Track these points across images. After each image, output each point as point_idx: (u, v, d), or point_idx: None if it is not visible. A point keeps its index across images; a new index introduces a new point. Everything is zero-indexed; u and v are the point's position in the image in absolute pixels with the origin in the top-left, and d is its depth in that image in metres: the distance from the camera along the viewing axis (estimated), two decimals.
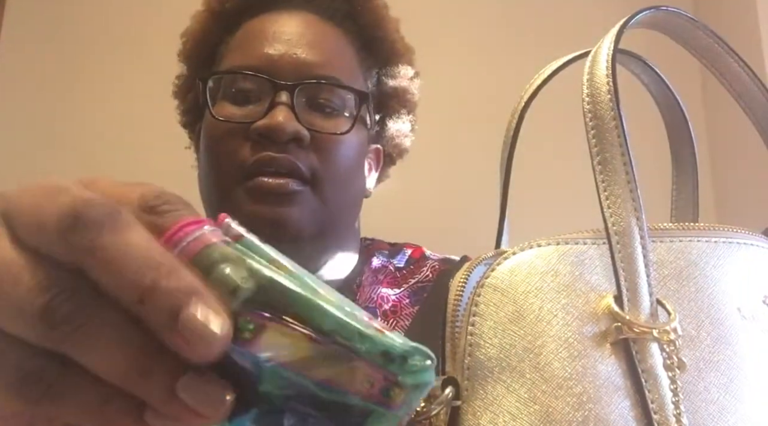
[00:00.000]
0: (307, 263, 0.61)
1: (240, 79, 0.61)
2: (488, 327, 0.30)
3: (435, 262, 0.68)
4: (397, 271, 0.67)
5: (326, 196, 0.59)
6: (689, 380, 0.29)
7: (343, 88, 0.61)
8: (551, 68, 0.39)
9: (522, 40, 1.50)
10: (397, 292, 0.65)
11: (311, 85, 0.60)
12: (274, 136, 0.56)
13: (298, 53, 0.60)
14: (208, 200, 0.63)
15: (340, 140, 0.60)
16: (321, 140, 0.59)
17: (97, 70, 1.50)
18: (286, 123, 0.56)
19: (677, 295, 0.31)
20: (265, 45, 0.61)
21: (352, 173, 0.63)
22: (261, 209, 0.56)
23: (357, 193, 0.66)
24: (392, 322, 0.62)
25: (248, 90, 0.60)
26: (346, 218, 0.65)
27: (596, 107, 0.31)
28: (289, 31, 0.62)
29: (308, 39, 0.62)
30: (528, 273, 0.31)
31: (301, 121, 0.58)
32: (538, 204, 1.28)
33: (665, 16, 0.36)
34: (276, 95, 0.58)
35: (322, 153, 0.59)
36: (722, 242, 0.34)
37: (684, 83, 0.78)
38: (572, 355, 0.29)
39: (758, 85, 0.38)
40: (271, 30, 0.62)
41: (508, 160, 0.38)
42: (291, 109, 0.57)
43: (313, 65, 0.60)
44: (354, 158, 0.62)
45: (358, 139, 0.63)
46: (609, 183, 0.30)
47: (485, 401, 0.29)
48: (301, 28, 0.62)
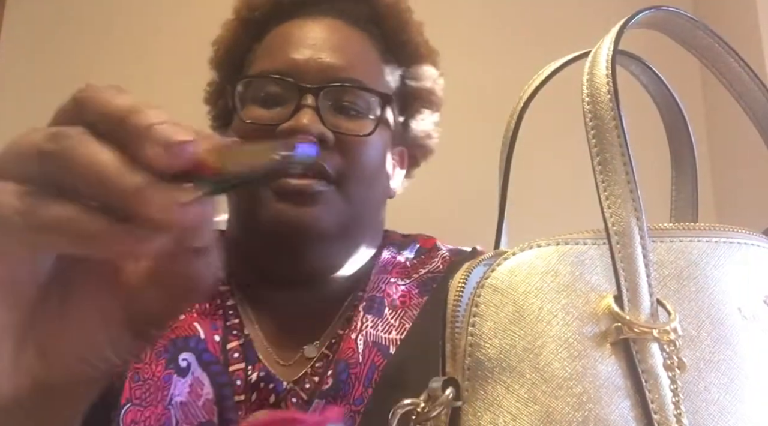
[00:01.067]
0: (329, 261, 0.63)
1: (267, 82, 0.62)
2: (488, 327, 0.30)
3: (446, 253, 0.69)
4: (407, 262, 0.68)
5: (351, 196, 0.61)
6: (689, 380, 0.29)
7: (366, 91, 0.63)
8: (550, 68, 0.39)
9: (521, 40, 1.50)
10: (407, 282, 0.65)
11: (335, 88, 0.61)
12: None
13: (323, 57, 0.62)
14: (233, 202, 0.64)
15: (364, 141, 0.61)
16: (345, 142, 0.60)
17: (97, 70, 1.50)
18: (311, 125, 0.58)
19: (677, 295, 0.31)
20: (291, 50, 0.63)
21: (376, 173, 0.64)
22: (285, 209, 0.58)
23: (381, 193, 0.67)
24: (401, 313, 0.62)
25: (275, 93, 0.62)
26: (369, 218, 0.66)
27: (596, 107, 0.31)
28: (314, 36, 0.64)
29: (333, 43, 0.63)
30: (528, 273, 0.31)
31: (326, 123, 0.59)
32: (538, 204, 1.28)
33: (665, 16, 0.36)
34: (301, 98, 0.60)
35: (346, 154, 0.60)
36: (722, 242, 0.34)
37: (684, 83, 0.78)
38: (572, 355, 0.29)
39: (758, 85, 0.38)
40: (297, 36, 0.64)
41: (507, 161, 0.38)
42: (316, 111, 0.59)
43: (338, 68, 0.62)
44: (378, 159, 0.64)
45: (382, 141, 0.65)
46: (609, 183, 0.30)
47: (485, 402, 0.29)
48: (325, 33, 0.64)
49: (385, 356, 0.58)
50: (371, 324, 0.60)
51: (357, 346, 0.58)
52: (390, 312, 0.62)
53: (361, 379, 0.57)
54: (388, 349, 0.59)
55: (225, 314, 0.62)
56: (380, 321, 0.61)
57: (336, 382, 0.56)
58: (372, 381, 0.57)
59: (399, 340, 0.60)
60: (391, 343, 0.60)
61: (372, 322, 0.60)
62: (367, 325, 0.60)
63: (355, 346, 0.58)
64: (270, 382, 0.57)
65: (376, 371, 0.57)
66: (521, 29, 1.52)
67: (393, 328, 0.61)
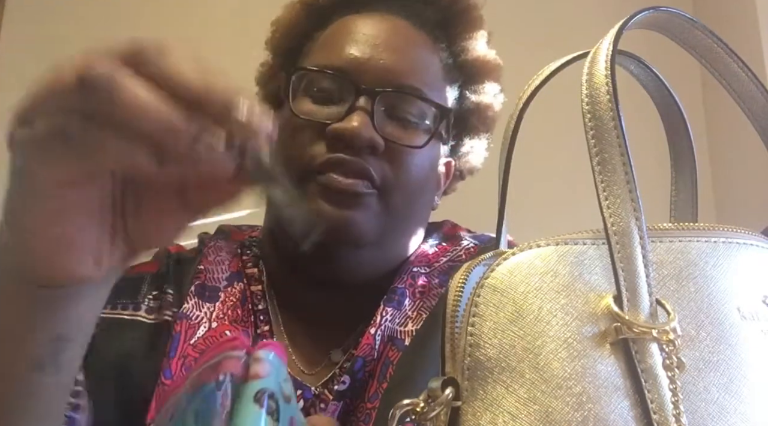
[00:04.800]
0: (363, 267, 0.61)
1: (323, 77, 0.60)
2: (488, 327, 0.30)
3: (471, 246, 0.67)
4: (430, 249, 0.66)
5: (393, 205, 0.59)
6: (689, 380, 0.29)
7: (425, 101, 0.60)
8: (550, 69, 0.39)
9: (521, 40, 1.50)
10: (428, 271, 0.64)
11: (393, 94, 0.59)
12: (349, 141, 0.56)
13: (384, 58, 0.59)
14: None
15: (414, 153, 0.59)
16: (395, 151, 0.58)
17: None
18: (363, 129, 0.56)
19: (677, 295, 0.31)
20: (352, 46, 0.60)
21: (423, 186, 0.62)
22: (327, 208, 0.56)
23: (424, 206, 0.65)
24: (419, 303, 0.61)
25: (330, 89, 0.60)
26: (409, 230, 0.64)
27: (595, 108, 0.31)
28: (377, 35, 0.61)
29: (396, 45, 0.61)
30: (527, 273, 0.31)
31: (378, 129, 0.57)
32: (538, 204, 1.28)
33: (664, 17, 0.36)
34: (356, 99, 0.57)
35: (395, 163, 0.58)
36: (722, 242, 0.34)
37: (684, 83, 0.78)
38: (572, 355, 0.29)
39: (757, 86, 0.38)
40: (361, 32, 0.61)
41: (506, 161, 0.38)
42: (369, 115, 0.57)
43: (398, 73, 0.59)
44: (426, 172, 0.62)
45: (433, 154, 0.63)
46: (608, 183, 0.30)
47: (485, 402, 0.29)
48: (390, 33, 0.61)
49: (399, 349, 0.57)
50: (390, 317, 0.59)
51: (375, 342, 0.57)
52: (410, 303, 0.60)
53: (375, 375, 0.56)
54: (403, 342, 0.57)
55: (256, 321, 0.60)
56: (398, 313, 0.59)
57: (353, 380, 0.55)
58: (386, 376, 0.55)
59: (414, 331, 0.58)
60: (406, 336, 0.58)
61: (391, 315, 0.59)
62: (387, 318, 0.58)
63: (373, 341, 0.57)
64: (298, 388, 0.56)
65: (390, 366, 0.56)
66: (521, 29, 1.51)
67: (410, 319, 0.59)
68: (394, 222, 0.60)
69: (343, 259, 0.59)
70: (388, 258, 0.63)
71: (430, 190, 0.65)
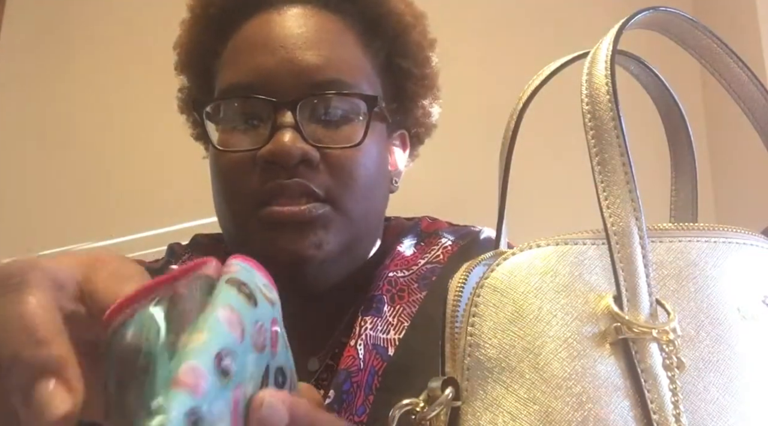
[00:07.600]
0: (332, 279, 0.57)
1: (234, 101, 0.56)
2: (488, 327, 0.30)
3: (448, 243, 0.63)
4: (406, 251, 0.63)
5: (348, 211, 0.56)
6: (689, 380, 0.29)
7: (347, 96, 0.56)
8: (550, 69, 0.39)
9: (521, 40, 1.50)
10: (406, 274, 0.60)
11: (313, 98, 0.55)
12: (281, 162, 0.53)
13: (296, 57, 0.55)
14: (225, 230, 0.60)
15: (354, 151, 0.55)
16: (333, 156, 0.55)
17: (96, 70, 1.50)
18: (292, 146, 0.52)
19: (677, 295, 0.31)
20: (257, 54, 0.56)
21: (373, 180, 0.58)
22: (280, 239, 0.53)
23: (380, 198, 0.62)
24: (399, 309, 0.58)
25: (248, 112, 0.56)
26: (371, 226, 0.61)
27: (595, 108, 0.31)
28: (282, 34, 0.56)
29: (305, 38, 0.56)
30: (527, 273, 0.31)
31: (309, 139, 0.54)
32: (538, 204, 1.28)
33: (664, 17, 0.36)
34: (276, 116, 0.54)
35: (335, 169, 0.55)
36: (722, 242, 0.34)
37: (684, 83, 0.78)
38: (571, 355, 0.29)
39: (758, 86, 0.38)
40: (262, 35, 0.57)
41: (506, 162, 0.38)
42: (295, 128, 0.53)
43: (314, 70, 0.55)
44: (372, 166, 0.58)
45: (375, 142, 0.59)
46: (608, 183, 0.30)
47: (485, 402, 0.29)
48: (294, 27, 0.57)
49: (384, 359, 0.54)
50: (370, 326, 0.56)
51: (358, 353, 0.54)
52: (389, 309, 0.57)
53: (362, 386, 0.53)
54: (387, 351, 0.55)
55: None
56: (379, 320, 0.56)
57: (338, 393, 0.52)
58: (372, 387, 0.53)
59: (397, 339, 0.56)
60: (389, 345, 0.55)
61: (371, 324, 0.56)
62: (366, 327, 0.55)
63: (356, 352, 0.54)
64: None
65: (375, 376, 0.53)
66: (521, 29, 1.52)
67: (391, 327, 0.57)
68: (356, 226, 0.57)
69: (309, 279, 0.56)
70: (355, 258, 0.60)
71: (384, 179, 0.62)
